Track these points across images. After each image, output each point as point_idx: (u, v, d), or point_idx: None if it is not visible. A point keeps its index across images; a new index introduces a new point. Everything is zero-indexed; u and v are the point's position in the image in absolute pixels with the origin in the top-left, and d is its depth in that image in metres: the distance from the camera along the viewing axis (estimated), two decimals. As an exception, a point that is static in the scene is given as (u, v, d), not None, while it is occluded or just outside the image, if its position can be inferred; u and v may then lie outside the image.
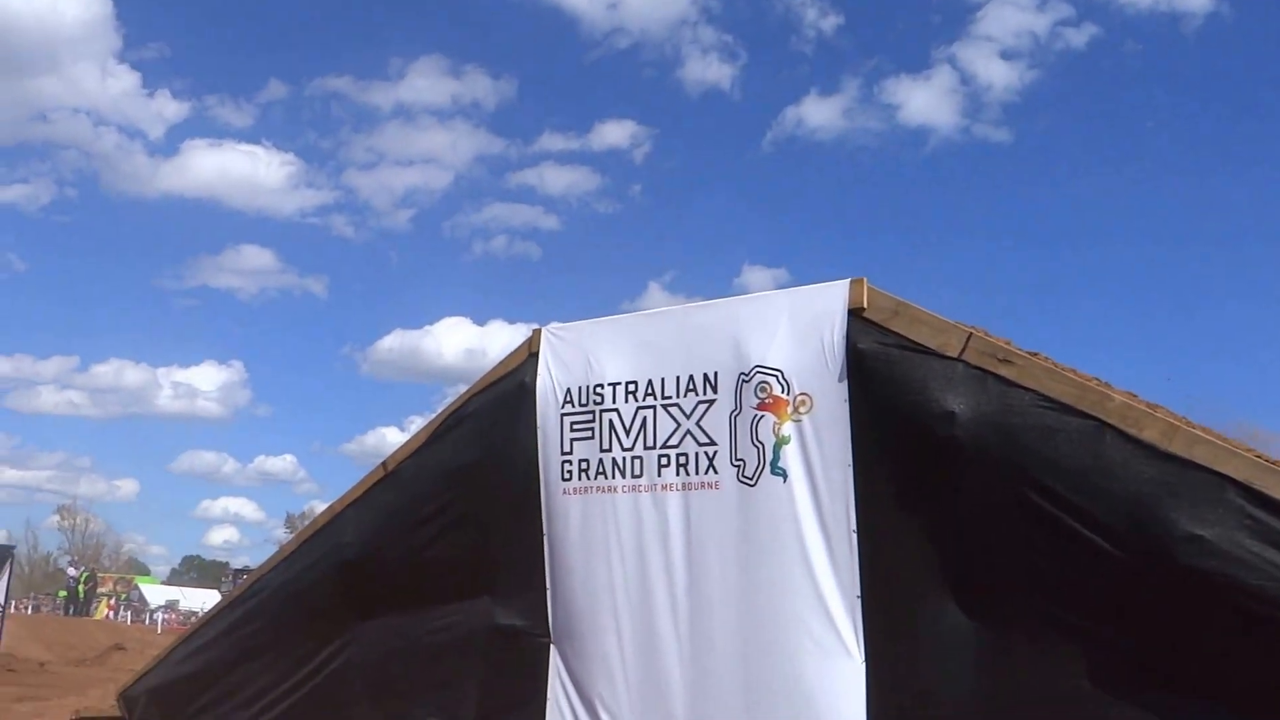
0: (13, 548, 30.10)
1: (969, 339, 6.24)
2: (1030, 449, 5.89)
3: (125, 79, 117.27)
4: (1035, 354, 6.31)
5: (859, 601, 6.34)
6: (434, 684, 8.19)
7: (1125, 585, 5.56)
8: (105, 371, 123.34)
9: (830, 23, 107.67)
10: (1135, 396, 6.34)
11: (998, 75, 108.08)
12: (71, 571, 50.92)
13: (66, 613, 45.01)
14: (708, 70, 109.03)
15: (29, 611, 50.04)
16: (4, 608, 26.14)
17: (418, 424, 9.12)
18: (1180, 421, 5.85)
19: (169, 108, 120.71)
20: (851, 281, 6.66)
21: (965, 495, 6.10)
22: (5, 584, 26.12)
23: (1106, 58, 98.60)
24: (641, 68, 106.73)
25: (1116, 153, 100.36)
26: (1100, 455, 5.69)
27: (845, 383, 6.52)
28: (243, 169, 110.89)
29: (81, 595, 46.41)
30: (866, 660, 6.28)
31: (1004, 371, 6.07)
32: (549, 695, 7.51)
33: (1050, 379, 5.97)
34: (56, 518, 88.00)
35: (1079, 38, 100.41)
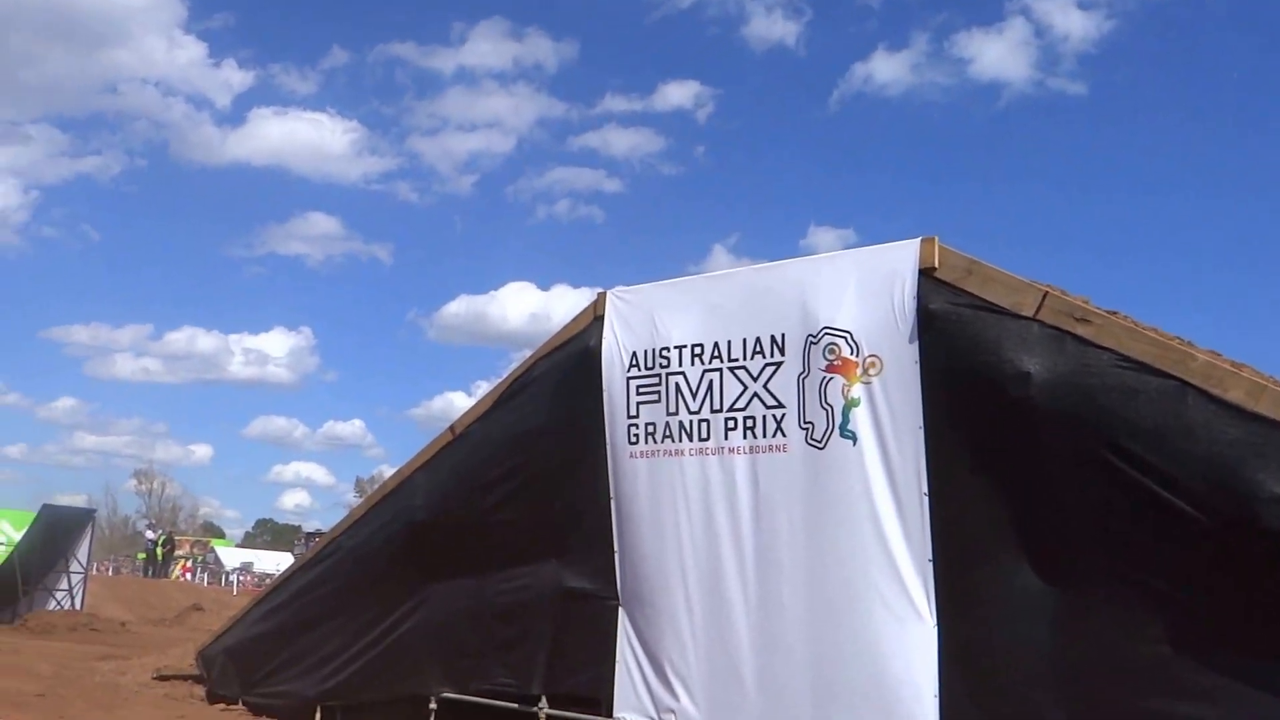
0: (93, 511, 30.64)
1: (1044, 298, 6.09)
2: (1109, 410, 5.74)
3: (192, 49, 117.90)
4: (1114, 312, 6.15)
5: (931, 565, 6.23)
6: (503, 645, 8.23)
7: (1207, 549, 5.41)
8: (178, 339, 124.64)
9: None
10: (1219, 355, 6.16)
11: (1075, 25, 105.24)
12: (150, 534, 51.68)
13: (145, 574, 45.68)
14: (772, 27, 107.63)
15: (109, 573, 50.96)
16: (86, 569, 26.61)
17: (484, 389, 9.13)
18: (1267, 381, 5.66)
19: (235, 76, 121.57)
20: (922, 240, 6.52)
21: (1040, 457, 5.96)
22: (87, 546, 26.58)
23: (1188, 5, 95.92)
24: (705, 26, 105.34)
25: (1198, 104, 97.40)
26: (1182, 416, 5.54)
27: (916, 344, 6.39)
28: (308, 136, 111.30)
29: (160, 557, 47.07)
30: (938, 624, 6.18)
31: (1081, 331, 5.91)
32: (618, 657, 7.50)
33: (1130, 338, 5.81)
34: (134, 482, 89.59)
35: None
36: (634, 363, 7.62)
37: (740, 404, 7.07)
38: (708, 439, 7.19)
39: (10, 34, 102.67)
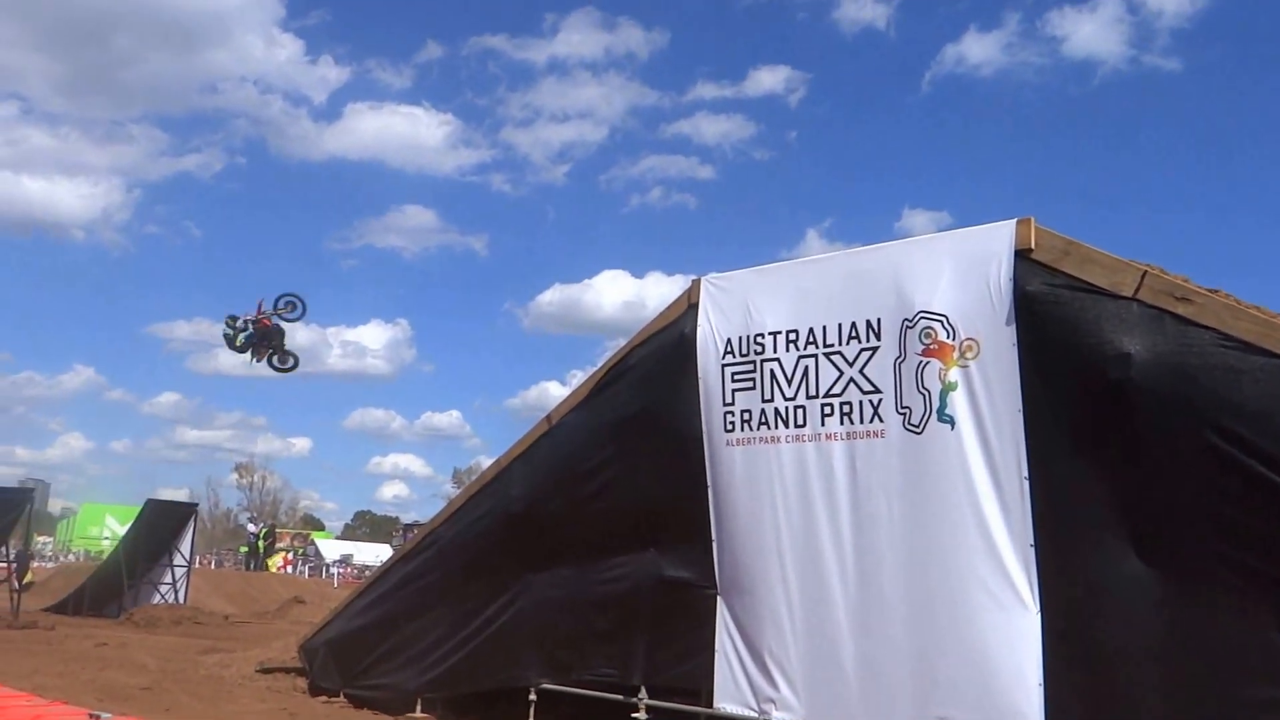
0: (196, 505, 31.09)
1: (1143, 277, 6.01)
2: (1212, 390, 5.66)
3: (290, 47, 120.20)
4: (1215, 291, 6.05)
5: (1033, 550, 6.17)
6: (601, 635, 8.27)
7: (1313, 530, 5.31)
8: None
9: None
10: (1324, 333, 6.04)
11: (1168, 2, 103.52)
12: (251, 528, 52.43)
13: (248, 567, 46.36)
14: (862, 10, 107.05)
15: (212, 567, 51.84)
16: (189, 563, 27.08)
17: (579, 378, 9.15)
18: (1374, 358, 5.54)
19: (331, 73, 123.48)
20: (1018, 222, 6.46)
21: (1143, 440, 5.88)
22: (190, 540, 27.05)
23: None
24: (794, 11, 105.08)
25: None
26: (1287, 396, 5.44)
27: (1013, 326, 6.33)
28: (403, 130, 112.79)
29: (261, 550, 47.76)
30: (1042, 611, 6.12)
31: (1182, 310, 5.83)
32: (717, 647, 7.51)
33: (1232, 316, 5.71)
34: (235, 475, 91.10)
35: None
36: (729, 349, 7.62)
37: (836, 390, 7.05)
38: (804, 425, 7.18)
39: (113, 36, 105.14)
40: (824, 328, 7.15)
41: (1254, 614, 5.48)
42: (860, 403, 6.93)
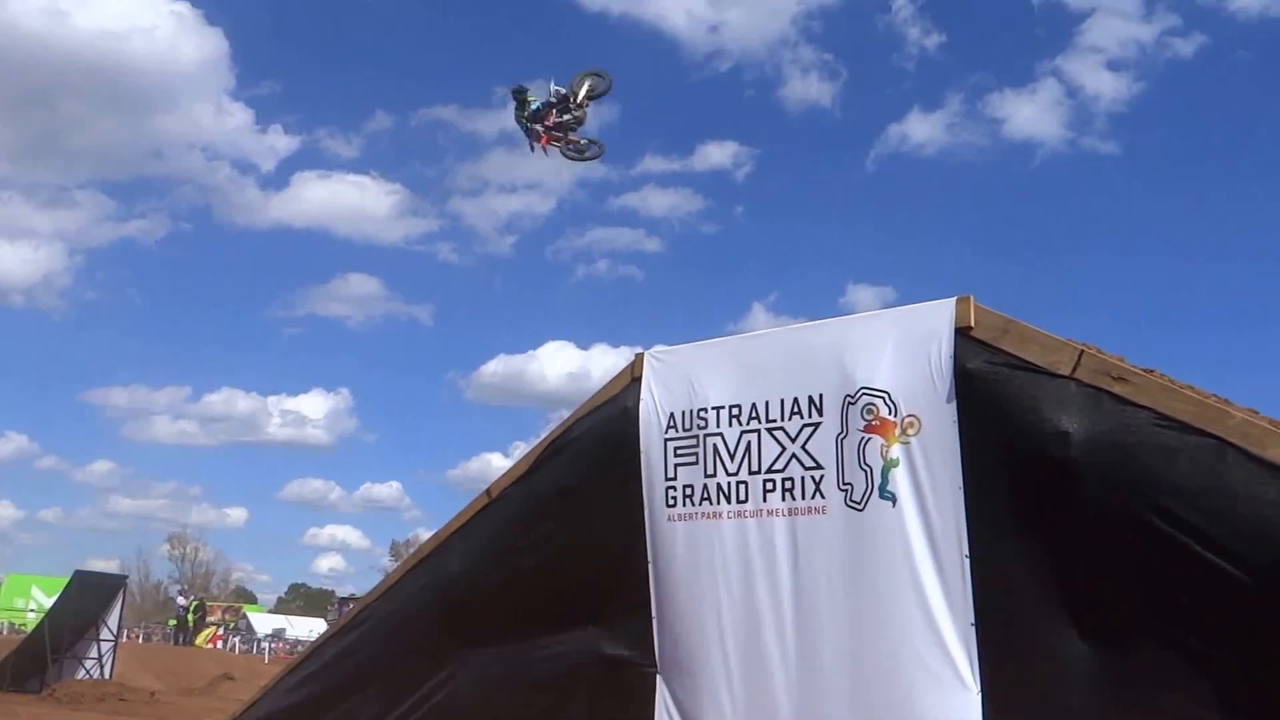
0: (125, 577, 30.68)
1: (1081, 356, 6.08)
2: (1149, 469, 5.72)
3: (239, 115, 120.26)
4: (1150, 371, 6.14)
5: (973, 629, 6.18)
6: (540, 713, 8.14)
7: (1250, 610, 5.35)
8: (217, 401, 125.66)
9: (933, 40, 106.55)
10: (1257, 413, 6.15)
11: (1105, 86, 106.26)
12: (181, 600, 51.79)
13: (176, 641, 45.71)
14: (809, 89, 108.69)
15: (140, 640, 50.97)
16: (116, 637, 26.61)
17: (522, 449, 9.12)
18: (1306, 439, 5.63)
19: (280, 142, 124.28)
20: (958, 300, 6.53)
21: (1082, 518, 5.93)
22: (118, 613, 26.61)
23: (1217, 67, 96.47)
24: (743, 88, 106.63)
25: (1229, 164, 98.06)
26: (1222, 475, 5.50)
27: (954, 403, 6.38)
28: (351, 199, 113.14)
29: (191, 624, 47.11)
30: (982, 691, 6.11)
31: (1119, 389, 5.90)
32: None
33: (1167, 396, 5.79)
34: (167, 546, 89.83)
35: (1187, 47, 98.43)
36: (671, 424, 7.62)
37: (778, 465, 7.05)
38: (746, 501, 7.17)
39: (61, 100, 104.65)
40: (767, 403, 7.17)
41: (1193, 694, 5.49)
42: (803, 479, 6.93)
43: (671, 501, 7.53)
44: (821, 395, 6.93)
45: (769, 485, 7.08)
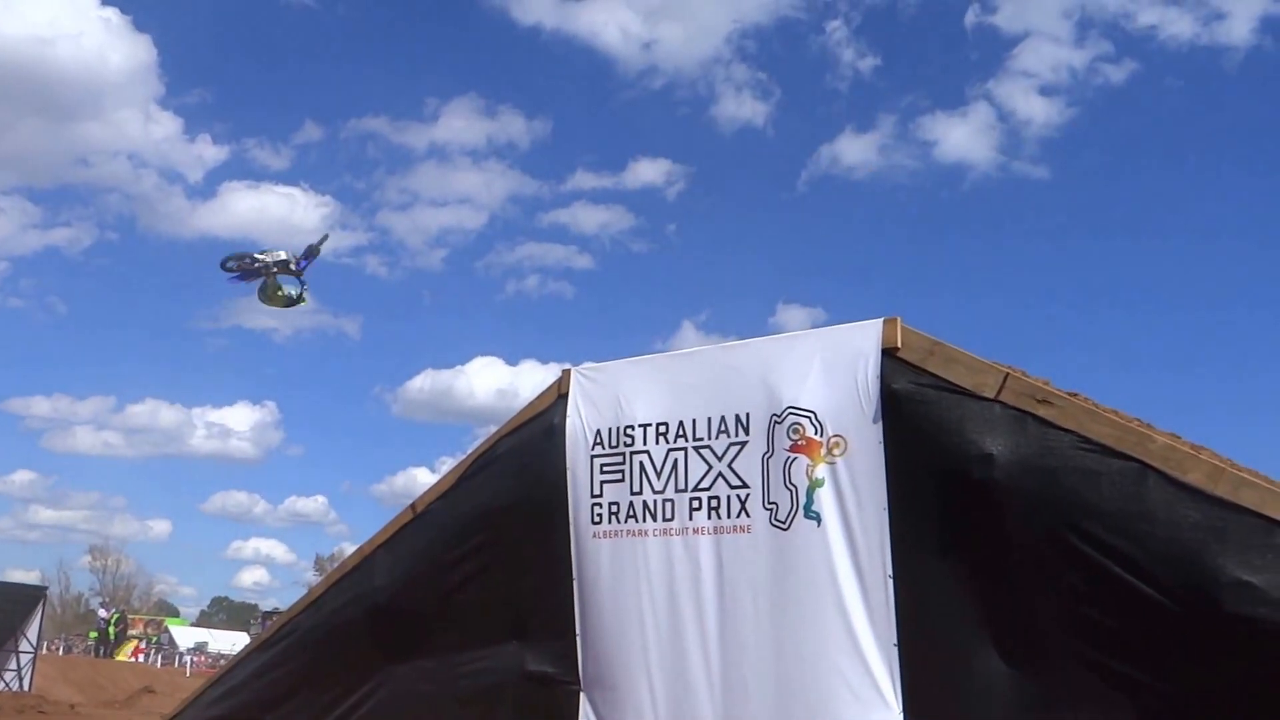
0: (45, 589, 30.22)
1: (1006, 379, 6.13)
2: (1071, 491, 5.76)
3: (167, 125, 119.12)
4: (1075, 394, 6.20)
5: (896, 649, 6.19)
6: (464, 729, 8.08)
7: (1170, 632, 5.41)
8: (141, 412, 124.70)
9: (867, 62, 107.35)
10: (1178, 438, 6.20)
11: (1036, 111, 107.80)
12: (102, 613, 51.06)
13: (98, 654, 45.07)
14: (741, 108, 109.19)
15: (60, 652, 50.19)
16: (36, 649, 26.20)
17: (448, 465, 9.06)
18: (1225, 464, 5.70)
19: (209, 151, 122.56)
20: (885, 321, 6.56)
21: (1004, 539, 5.97)
22: (37, 625, 26.22)
23: (1146, 93, 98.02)
24: (675, 106, 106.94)
25: (1157, 191, 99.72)
26: (1143, 498, 5.56)
27: (880, 424, 6.40)
28: (280, 210, 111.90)
29: (113, 636, 46.47)
30: (904, 711, 6.12)
31: (1043, 412, 5.95)
32: None
33: (1091, 420, 5.85)
34: (89, 558, 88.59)
35: (1118, 74, 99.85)
36: (598, 441, 7.59)
37: (704, 484, 7.04)
38: (672, 519, 7.15)
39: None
40: (694, 421, 7.16)
41: (1113, 715, 5.54)
42: (728, 497, 6.92)
43: (597, 519, 7.50)
44: (748, 414, 6.93)
45: (695, 504, 7.07)
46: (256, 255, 13.11)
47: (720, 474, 6.99)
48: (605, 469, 7.52)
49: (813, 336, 7.11)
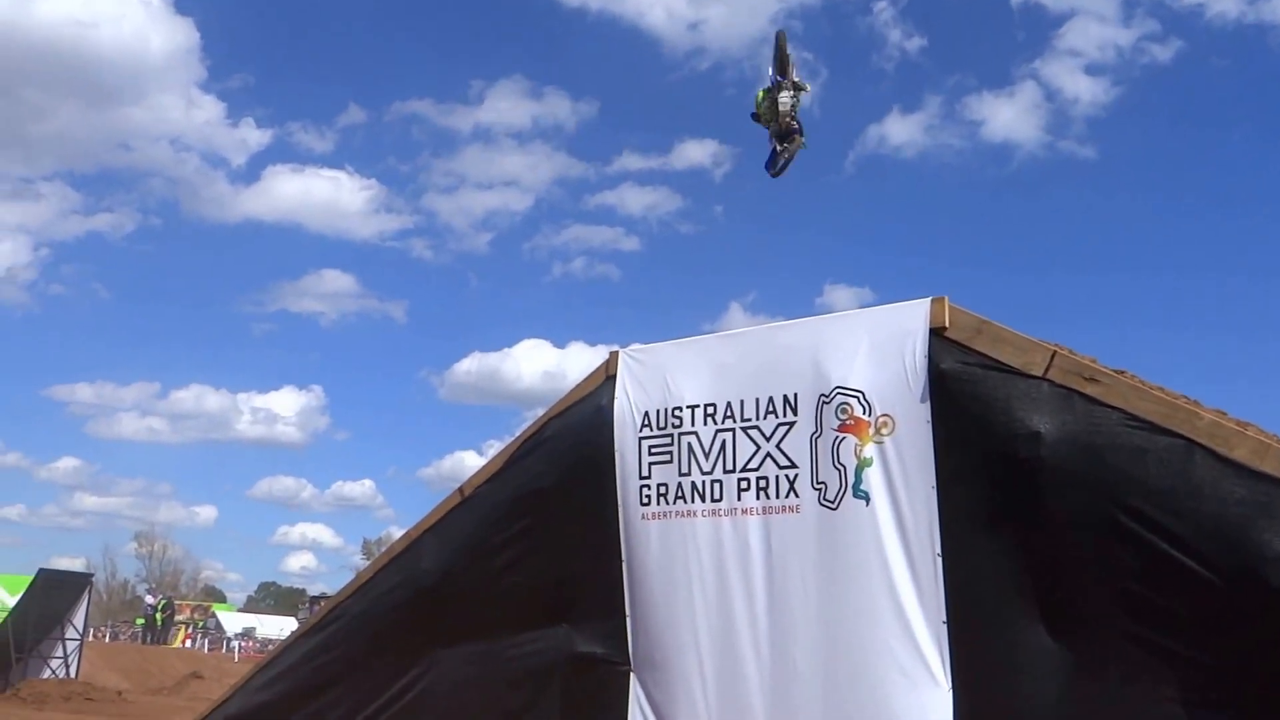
0: (91, 576, 30.46)
1: (1053, 357, 6.14)
2: (1118, 469, 5.78)
3: (210, 108, 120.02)
4: (1122, 372, 6.19)
5: (945, 627, 6.22)
6: (513, 712, 8.14)
7: (1217, 607, 5.43)
8: (185, 397, 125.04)
9: (914, 42, 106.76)
10: (1225, 415, 6.21)
11: (1083, 90, 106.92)
12: (149, 599, 51.47)
13: (144, 640, 45.41)
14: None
15: (107, 639, 50.60)
16: (82, 636, 26.43)
17: (495, 448, 9.09)
18: (1272, 440, 5.69)
19: (252, 135, 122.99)
20: (932, 300, 6.58)
21: (1052, 517, 5.99)
22: (84, 612, 26.42)
23: (1193, 72, 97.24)
24: (722, 87, 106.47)
25: (1205, 168, 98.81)
26: (1190, 475, 5.58)
27: (927, 403, 6.43)
28: (324, 194, 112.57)
29: (159, 623, 46.81)
30: (954, 688, 6.16)
31: (1090, 390, 5.96)
32: None
33: (1137, 397, 5.86)
34: (135, 544, 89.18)
35: (1165, 52, 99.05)
36: (646, 422, 7.64)
37: (753, 464, 7.08)
38: (720, 500, 7.19)
39: (23, 89, 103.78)
40: (741, 402, 7.20)
41: (1161, 690, 5.56)
42: (777, 478, 6.96)
43: (646, 500, 7.55)
44: (796, 395, 6.97)
45: (743, 484, 7.11)
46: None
47: (768, 454, 7.03)
48: (653, 450, 7.56)
49: (860, 316, 7.13)
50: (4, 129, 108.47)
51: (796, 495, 6.86)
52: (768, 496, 6.97)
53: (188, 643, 53.06)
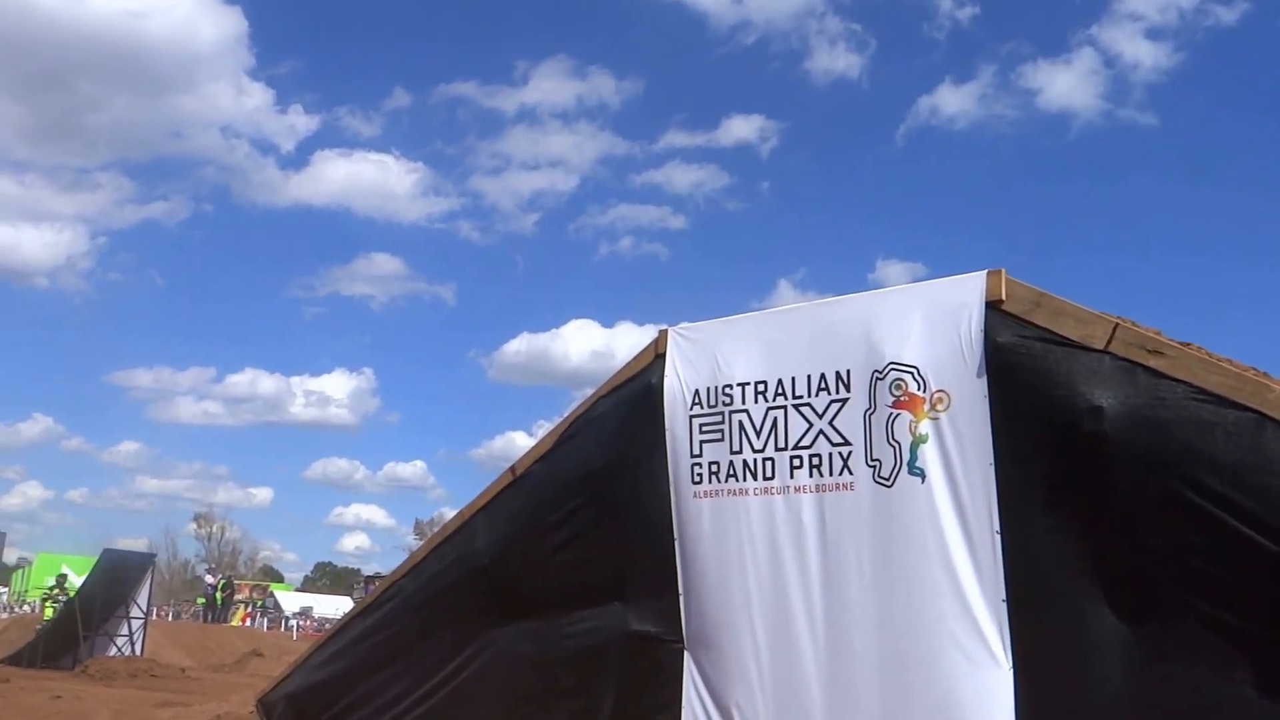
0: (154, 556, 30.82)
1: (1115, 330, 5.97)
2: (1184, 444, 5.60)
3: (259, 95, 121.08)
4: (1187, 344, 6.03)
5: (1005, 605, 6.09)
6: (567, 692, 8.14)
7: (1290, 585, 5.26)
8: (240, 381, 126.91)
9: (966, 12, 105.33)
10: (1296, 387, 6.02)
11: (1144, 55, 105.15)
12: (209, 579, 51.99)
13: (205, 619, 45.94)
14: (836, 60, 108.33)
15: (169, 618, 51.35)
16: (146, 615, 26.81)
17: (545, 428, 9.07)
18: (1345, 412, 5.52)
19: (300, 121, 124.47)
20: (989, 273, 6.42)
21: (1115, 493, 5.82)
22: (147, 591, 26.80)
23: (1259, 35, 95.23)
24: (768, 61, 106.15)
25: (1270, 135, 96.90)
26: (1260, 449, 5.38)
27: (984, 378, 6.28)
28: (372, 178, 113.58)
29: (219, 602, 47.31)
30: (1014, 668, 6.03)
31: (1154, 363, 5.79)
32: (684, 703, 7.38)
33: (1204, 370, 5.68)
34: (194, 525, 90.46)
35: (1229, 15, 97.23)
36: (697, 401, 7.55)
37: (805, 442, 6.98)
38: (772, 478, 7.10)
39: (78, 80, 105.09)
40: (793, 379, 7.09)
41: (1228, 668, 5.40)
42: (830, 455, 6.85)
43: (697, 478, 7.47)
44: (849, 371, 6.85)
45: (796, 462, 7.01)
46: None
47: (821, 431, 6.92)
48: (704, 429, 7.48)
49: (913, 290, 6.99)
50: (61, 120, 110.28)
51: (850, 473, 6.75)
52: (821, 474, 6.87)
53: (247, 621, 53.71)
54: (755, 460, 7.21)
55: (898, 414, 6.61)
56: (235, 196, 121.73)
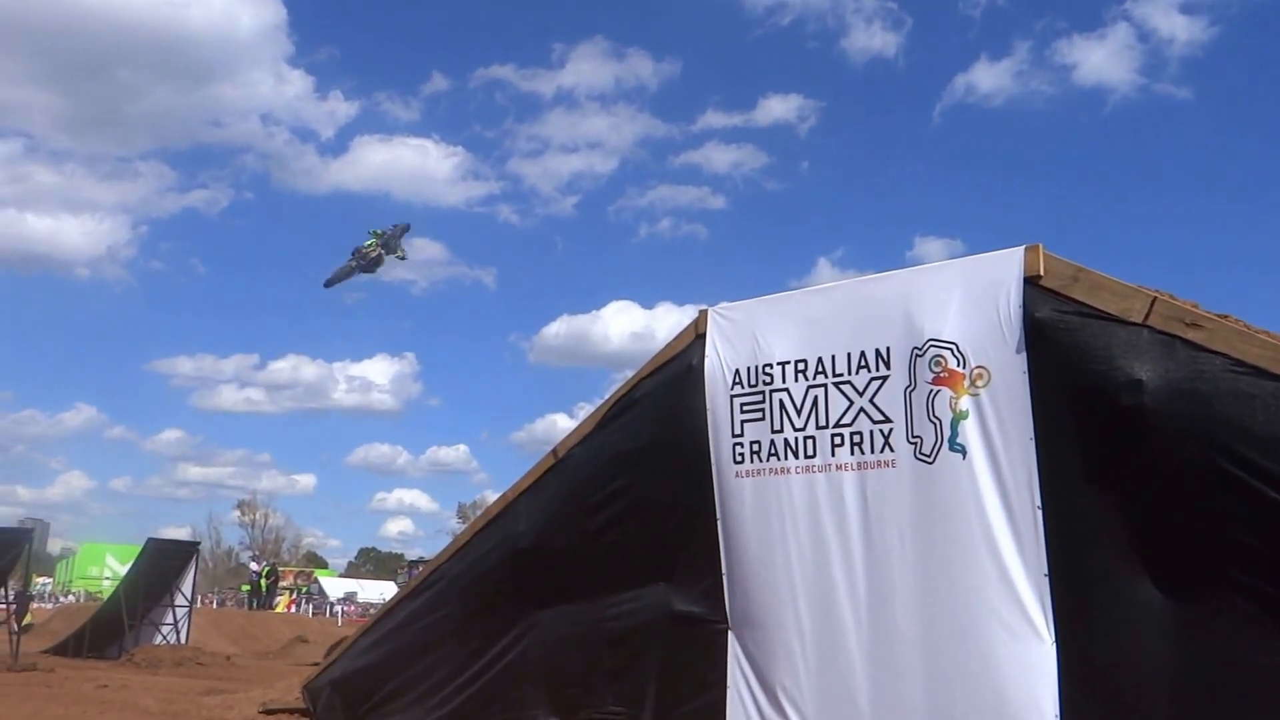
0: (198, 544, 30.98)
1: (1153, 303, 5.98)
2: (1224, 416, 5.62)
3: (298, 83, 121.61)
4: (1225, 316, 6.03)
5: (1047, 580, 6.12)
6: (611, 672, 8.18)
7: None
8: (283, 368, 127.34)
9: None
10: (1336, 358, 6.01)
11: (1179, 29, 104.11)
12: (254, 566, 52.24)
13: (250, 606, 46.18)
14: (872, 39, 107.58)
15: (214, 606, 51.66)
16: (191, 603, 26.99)
17: (586, 410, 9.12)
18: (1385, 383, 5.51)
19: (340, 108, 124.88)
20: (1026, 248, 6.44)
21: (1155, 466, 5.84)
22: (191, 579, 26.97)
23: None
24: (805, 40, 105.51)
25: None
26: (1300, 421, 5.40)
27: (1024, 354, 6.30)
28: (411, 162, 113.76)
29: (264, 589, 47.56)
30: (1057, 641, 6.06)
31: (1193, 336, 5.80)
32: (729, 683, 7.42)
33: (1243, 342, 5.68)
34: (238, 513, 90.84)
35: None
36: (737, 380, 7.59)
37: (846, 420, 7.01)
38: (814, 456, 7.14)
39: (118, 70, 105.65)
40: (833, 357, 7.12)
41: (1272, 641, 5.42)
42: (871, 432, 6.89)
43: (739, 458, 7.51)
44: (888, 348, 6.88)
45: (837, 440, 7.04)
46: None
47: (862, 409, 6.95)
48: (745, 408, 7.51)
49: (952, 267, 7.00)
50: (102, 110, 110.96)
51: (892, 450, 6.78)
52: (862, 452, 6.90)
53: (292, 608, 54.00)
54: (796, 439, 7.24)
55: (938, 390, 6.63)
56: (275, 184, 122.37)
